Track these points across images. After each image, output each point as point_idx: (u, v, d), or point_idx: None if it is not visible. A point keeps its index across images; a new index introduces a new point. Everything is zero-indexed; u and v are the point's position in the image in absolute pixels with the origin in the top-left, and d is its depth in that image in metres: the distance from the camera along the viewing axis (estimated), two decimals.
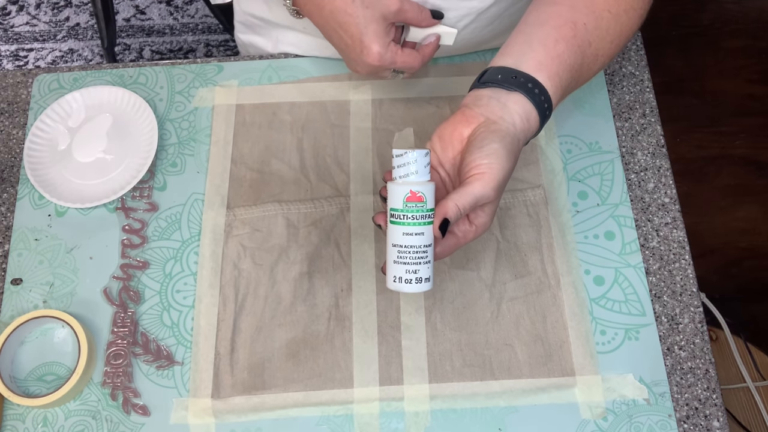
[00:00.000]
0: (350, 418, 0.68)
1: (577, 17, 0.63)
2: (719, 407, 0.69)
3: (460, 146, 0.60)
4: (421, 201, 0.56)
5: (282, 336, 0.71)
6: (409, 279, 0.57)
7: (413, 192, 0.56)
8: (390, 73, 0.72)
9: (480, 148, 0.57)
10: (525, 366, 0.70)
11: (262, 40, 0.89)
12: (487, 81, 0.61)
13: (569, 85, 0.64)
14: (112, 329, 0.72)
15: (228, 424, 0.68)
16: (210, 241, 0.75)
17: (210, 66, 0.85)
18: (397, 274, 0.57)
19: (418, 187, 0.56)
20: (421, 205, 0.56)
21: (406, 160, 0.56)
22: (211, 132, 0.81)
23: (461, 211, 0.56)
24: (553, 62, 0.61)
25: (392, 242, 0.57)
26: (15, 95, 0.84)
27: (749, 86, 1.76)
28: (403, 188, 0.56)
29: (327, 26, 0.70)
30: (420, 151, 0.56)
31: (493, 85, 0.61)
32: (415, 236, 0.56)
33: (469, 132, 0.60)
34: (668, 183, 0.79)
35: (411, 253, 0.57)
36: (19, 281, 0.74)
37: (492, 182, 0.56)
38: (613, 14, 0.65)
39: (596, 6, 0.65)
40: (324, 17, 0.69)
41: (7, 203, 0.78)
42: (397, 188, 0.56)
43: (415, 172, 0.56)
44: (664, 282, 0.74)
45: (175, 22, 1.79)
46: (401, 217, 0.56)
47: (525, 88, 0.60)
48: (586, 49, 0.64)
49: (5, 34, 1.77)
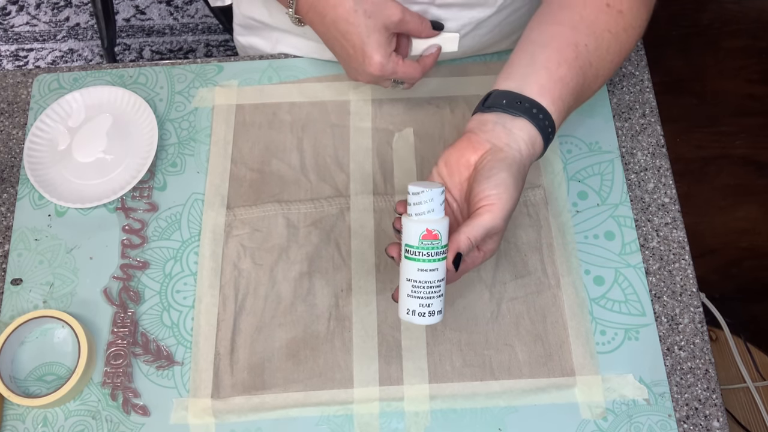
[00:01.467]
0: (350, 418, 0.68)
1: (578, 39, 0.63)
2: (719, 407, 0.69)
3: (467, 172, 0.60)
4: (437, 238, 0.56)
5: (282, 336, 0.71)
6: (422, 312, 0.58)
7: (429, 230, 0.56)
8: (390, 83, 0.72)
9: (488, 178, 0.57)
10: (525, 366, 0.70)
11: (261, 42, 0.89)
12: (492, 106, 0.61)
13: (571, 106, 0.64)
14: (112, 329, 0.72)
15: (228, 424, 0.68)
16: (210, 241, 0.75)
17: (210, 66, 0.85)
18: (411, 307, 0.58)
19: (433, 224, 0.56)
20: (436, 242, 0.57)
21: (422, 198, 0.56)
22: (211, 132, 0.81)
23: (473, 243, 0.57)
24: (556, 85, 0.61)
25: (406, 276, 0.58)
26: (15, 95, 0.84)
27: (749, 86, 1.76)
28: (419, 226, 0.56)
29: (329, 35, 0.70)
30: (436, 189, 0.57)
31: (498, 110, 0.61)
32: (430, 272, 0.57)
33: (475, 159, 0.60)
34: (668, 183, 0.79)
35: (425, 288, 0.57)
36: (19, 281, 0.74)
37: (501, 213, 0.57)
38: (614, 34, 0.65)
39: (597, 26, 0.65)
40: (326, 26, 0.69)
41: (7, 203, 0.78)
42: (413, 225, 0.57)
43: (431, 210, 0.57)
44: (664, 282, 0.74)
45: (175, 22, 1.79)
46: (416, 254, 0.57)
47: (529, 113, 0.60)
48: (588, 70, 0.64)
49: (5, 34, 1.77)
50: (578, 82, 0.63)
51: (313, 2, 0.68)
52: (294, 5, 0.70)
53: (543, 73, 0.62)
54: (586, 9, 0.65)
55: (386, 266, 0.74)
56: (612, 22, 0.65)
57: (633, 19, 0.66)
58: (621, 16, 0.65)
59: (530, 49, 0.64)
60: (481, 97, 0.69)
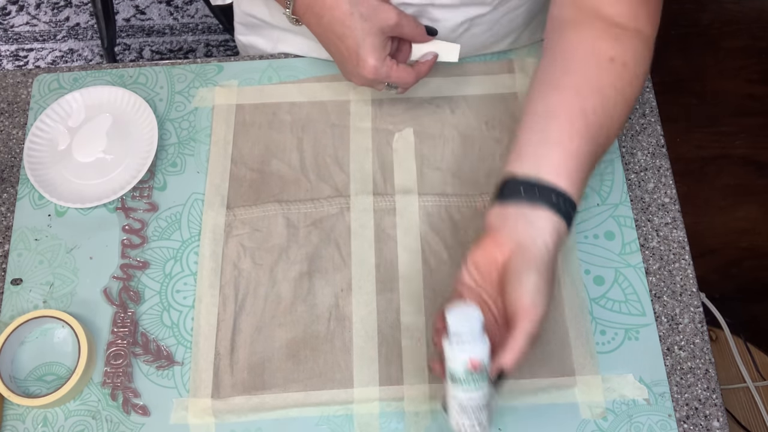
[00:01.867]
0: (350, 418, 0.68)
1: (586, 104, 0.61)
2: (719, 407, 0.69)
3: (496, 273, 0.60)
4: (481, 367, 0.57)
5: (282, 336, 0.71)
6: (473, 425, 0.59)
7: (473, 361, 0.56)
8: (383, 86, 0.72)
9: (521, 285, 0.57)
10: (525, 366, 0.69)
11: (262, 41, 0.89)
12: (510, 197, 0.60)
13: (588, 174, 0.62)
14: (112, 329, 0.72)
15: (228, 424, 0.68)
16: (210, 241, 0.75)
17: (210, 66, 0.85)
18: (461, 421, 0.59)
19: (476, 353, 0.57)
20: (481, 371, 0.57)
21: (462, 329, 0.57)
22: (211, 132, 0.81)
23: (519, 357, 0.57)
24: (572, 162, 0.59)
25: (452, 394, 0.58)
26: (15, 95, 0.84)
27: (749, 86, 1.76)
28: (461, 355, 0.57)
29: (324, 36, 0.70)
30: (475, 319, 0.57)
31: (517, 201, 0.59)
32: (475, 392, 0.58)
33: (503, 259, 0.59)
34: (668, 183, 0.79)
35: (472, 407, 0.58)
36: (19, 281, 0.74)
37: (539, 317, 0.57)
38: (619, 89, 0.63)
39: (602, 83, 0.62)
40: (322, 27, 0.69)
41: (7, 203, 0.78)
42: (456, 354, 0.57)
43: (472, 339, 0.57)
44: (664, 282, 0.74)
45: (175, 22, 1.79)
46: (461, 381, 0.57)
47: (549, 201, 0.58)
48: (599, 134, 0.62)
49: (5, 34, 1.77)
50: (591, 149, 0.61)
51: (310, 3, 0.68)
52: (291, 6, 0.70)
53: (557, 150, 0.59)
54: (590, 69, 0.63)
55: (386, 266, 0.74)
56: (616, 77, 0.63)
57: (637, 67, 0.64)
58: (625, 68, 0.63)
59: (539, 124, 0.62)
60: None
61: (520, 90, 0.83)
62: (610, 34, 0.64)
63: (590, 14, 0.65)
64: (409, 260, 0.74)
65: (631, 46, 0.64)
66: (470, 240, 0.75)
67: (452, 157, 0.79)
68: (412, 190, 0.78)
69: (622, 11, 0.64)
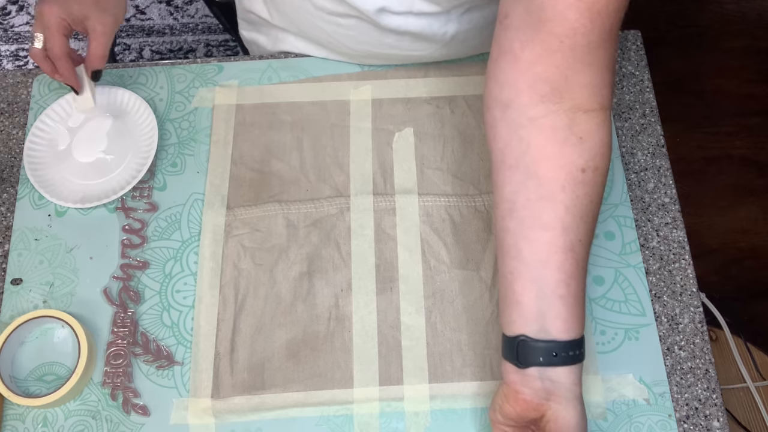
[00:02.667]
0: (350, 419, 0.68)
1: (572, 238, 0.58)
2: (719, 407, 0.69)
3: (532, 423, 0.60)
4: None
5: (282, 336, 0.71)
6: None
7: None
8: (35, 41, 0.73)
9: None
10: None
11: (263, 38, 0.89)
12: (530, 364, 0.58)
13: (584, 292, 0.60)
14: (112, 329, 0.72)
15: (228, 424, 0.68)
16: (210, 241, 0.75)
17: (210, 66, 0.85)
18: None
19: None
20: None
21: None
22: (211, 132, 0.81)
23: None
24: (575, 307, 0.58)
25: None
26: (15, 95, 0.84)
27: (749, 86, 1.76)
28: None
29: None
30: None
31: (536, 365, 0.58)
32: None
33: (536, 415, 0.59)
34: (668, 183, 0.79)
35: None
36: (19, 281, 0.74)
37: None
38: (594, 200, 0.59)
39: (581, 204, 0.58)
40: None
41: (7, 203, 0.78)
42: None
43: None
44: (664, 282, 0.74)
45: (175, 22, 1.79)
46: None
47: (567, 360, 0.58)
48: (586, 257, 0.60)
49: (5, 34, 1.77)
50: (583, 274, 0.59)
51: None
52: None
53: (559, 304, 0.58)
54: (566, 194, 0.58)
55: (386, 266, 0.74)
56: (590, 187, 0.58)
57: (605, 163, 0.59)
58: (597, 172, 0.58)
59: (532, 276, 0.58)
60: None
61: None
62: (574, 135, 0.57)
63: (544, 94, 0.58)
64: (409, 260, 0.74)
65: (596, 140, 0.58)
66: (470, 240, 0.75)
67: (452, 157, 0.79)
68: (412, 190, 0.78)
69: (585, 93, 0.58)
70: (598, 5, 0.54)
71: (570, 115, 0.58)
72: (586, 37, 0.55)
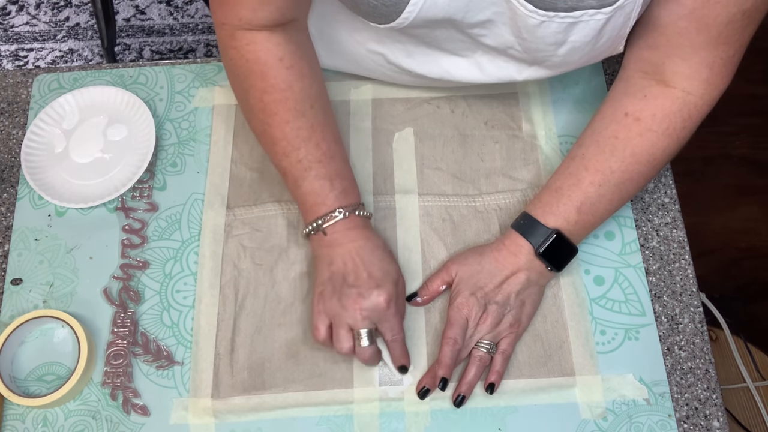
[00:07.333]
0: (350, 419, 0.68)
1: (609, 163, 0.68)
2: (719, 407, 0.69)
3: None
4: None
5: (282, 336, 0.71)
6: None
7: None
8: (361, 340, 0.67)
9: None
10: (525, 366, 0.70)
11: None
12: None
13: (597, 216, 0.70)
14: (112, 329, 0.72)
15: (228, 424, 0.68)
16: (210, 241, 0.75)
17: (210, 66, 0.85)
18: None
19: None
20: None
21: None
22: (211, 132, 0.81)
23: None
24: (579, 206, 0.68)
25: None
26: (15, 95, 0.84)
27: (750, 86, 1.76)
28: None
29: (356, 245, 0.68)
30: None
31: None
32: None
33: None
34: (668, 183, 0.79)
35: None
36: (19, 281, 0.74)
37: None
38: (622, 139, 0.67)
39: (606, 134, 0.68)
40: (364, 238, 0.69)
41: (7, 203, 0.78)
42: None
43: None
44: (664, 282, 0.74)
45: (175, 22, 1.79)
46: None
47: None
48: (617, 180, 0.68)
49: (5, 34, 1.77)
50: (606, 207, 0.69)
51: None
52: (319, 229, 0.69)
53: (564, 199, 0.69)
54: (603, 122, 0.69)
55: None
56: (623, 128, 0.67)
57: (654, 122, 0.66)
58: (637, 122, 0.67)
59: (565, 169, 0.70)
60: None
61: (519, 90, 0.83)
62: (642, 92, 0.67)
63: (646, 70, 0.67)
64: (409, 260, 0.74)
65: (658, 104, 0.66)
66: (470, 240, 0.75)
67: (452, 157, 0.79)
68: (412, 190, 0.78)
69: (678, 71, 0.66)
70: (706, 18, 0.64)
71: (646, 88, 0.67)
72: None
